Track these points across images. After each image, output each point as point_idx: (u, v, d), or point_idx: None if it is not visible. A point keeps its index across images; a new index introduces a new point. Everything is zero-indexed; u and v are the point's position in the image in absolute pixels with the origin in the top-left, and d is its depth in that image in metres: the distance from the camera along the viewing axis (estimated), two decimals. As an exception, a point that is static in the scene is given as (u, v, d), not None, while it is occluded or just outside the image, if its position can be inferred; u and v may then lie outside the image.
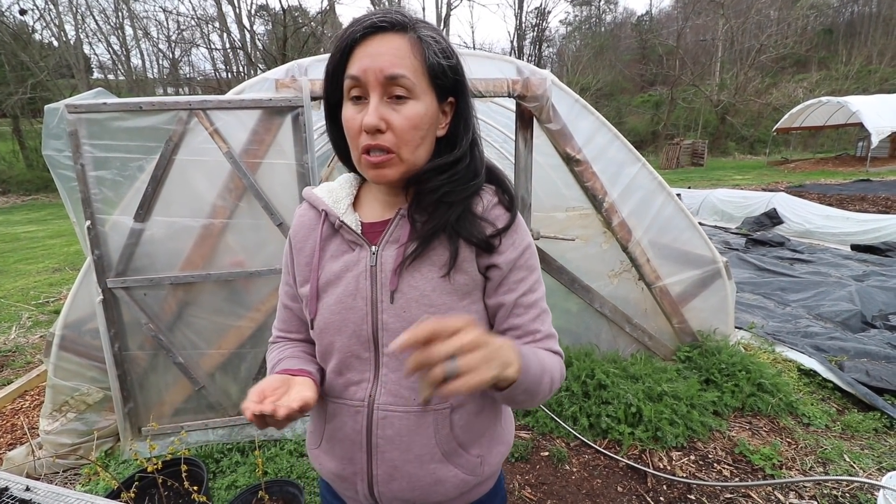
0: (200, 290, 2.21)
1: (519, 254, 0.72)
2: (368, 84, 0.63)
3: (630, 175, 2.55)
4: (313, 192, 0.80)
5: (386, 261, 0.71)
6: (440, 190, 0.68)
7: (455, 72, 0.68)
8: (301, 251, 0.79)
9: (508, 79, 2.24)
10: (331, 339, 0.74)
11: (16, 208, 14.89)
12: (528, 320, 0.73)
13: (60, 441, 2.24)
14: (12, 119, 19.07)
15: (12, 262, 7.14)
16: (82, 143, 1.92)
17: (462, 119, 0.71)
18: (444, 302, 0.69)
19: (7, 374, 3.36)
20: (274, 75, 2.18)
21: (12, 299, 5.08)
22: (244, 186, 2.09)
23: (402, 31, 0.64)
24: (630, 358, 2.67)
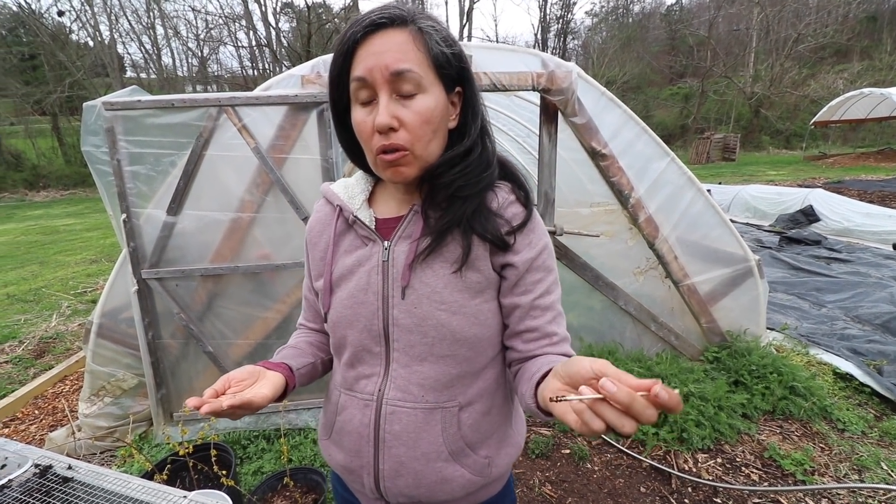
0: (229, 282, 2.28)
1: (536, 254, 0.71)
2: (376, 83, 0.62)
3: (658, 170, 2.49)
4: (330, 187, 0.81)
5: (398, 256, 0.71)
6: (454, 184, 0.67)
7: (459, 59, 0.67)
8: (316, 246, 0.80)
9: (533, 72, 2.21)
10: (343, 333, 0.74)
11: (55, 202, 15.62)
12: (545, 323, 0.71)
13: (98, 424, 2.35)
14: (51, 117, 19.95)
15: (52, 253, 7.50)
16: (118, 139, 2.00)
17: (470, 108, 0.70)
18: (455, 299, 0.69)
19: (48, 360, 3.54)
20: (300, 71, 2.22)
21: (53, 289, 5.34)
22: (271, 181, 2.13)
23: (402, 24, 0.63)
24: (655, 357, 2.62)
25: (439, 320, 0.69)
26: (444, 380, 0.71)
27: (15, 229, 10.30)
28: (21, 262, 6.92)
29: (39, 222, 11.21)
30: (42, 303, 4.89)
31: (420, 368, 0.71)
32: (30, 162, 19.14)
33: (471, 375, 0.73)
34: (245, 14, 21.96)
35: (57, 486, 0.81)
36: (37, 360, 3.56)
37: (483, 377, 0.75)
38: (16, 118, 20.19)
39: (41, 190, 17.63)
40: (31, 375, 3.27)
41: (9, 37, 20.53)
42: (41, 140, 20.00)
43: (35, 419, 2.72)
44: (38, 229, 10.11)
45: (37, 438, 2.52)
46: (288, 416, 2.40)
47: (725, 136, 19.02)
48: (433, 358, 0.71)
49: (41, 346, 3.78)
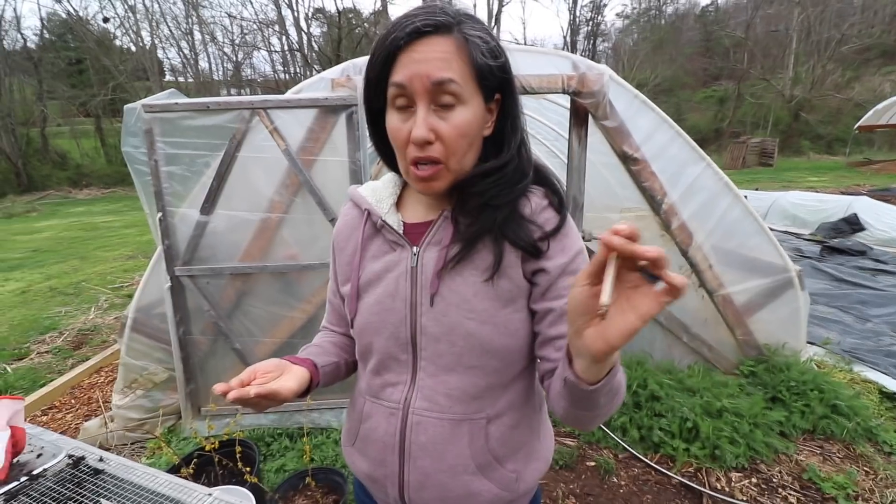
0: (257, 281, 2.32)
1: (570, 259, 0.68)
2: (415, 92, 0.60)
3: (693, 175, 2.41)
4: (358, 190, 0.79)
5: (427, 262, 0.69)
6: (487, 193, 0.66)
7: (503, 70, 0.65)
8: (343, 250, 0.79)
9: (563, 74, 2.18)
10: (369, 340, 0.73)
11: (96, 200, 16.37)
12: None
13: (129, 416, 2.43)
14: (95, 118, 20.98)
15: (92, 248, 7.86)
16: (156, 140, 2.07)
17: (509, 118, 0.68)
18: (485, 308, 0.67)
19: (85, 351, 3.70)
20: (330, 75, 2.25)
21: (91, 283, 5.59)
22: (299, 182, 2.17)
23: (448, 31, 0.61)
24: (687, 369, 2.53)
25: (468, 329, 0.67)
26: (473, 391, 0.70)
27: (58, 225, 10.85)
28: (63, 257, 7.27)
29: (81, 219, 11.77)
30: (81, 296, 5.12)
31: (448, 378, 0.69)
32: (74, 161, 20.17)
33: (500, 387, 0.71)
34: (278, 20, 22.58)
35: (88, 478, 0.83)
36: (75, 350, 3.72)
37: (512, 389, 0.73)
38: (62, 119, 21.32)
39: (84, 188, 18.53)
40: (69, 366, 3.42)
41: (58, 42, 21.72)
42: (85, 140, 21.07)
43: (71, 408, 2.84)
44: (80, 226, 10.62)
45: (72, 427, 2.63)
46: (311, 416, 2.42)
47: (763, 141, 18.35)
48: (461, 368, 0.69)
49: (79, 338, 3.95)
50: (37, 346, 3.79)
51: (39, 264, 6.84)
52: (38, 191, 17.65)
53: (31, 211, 13.70)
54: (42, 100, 19.64)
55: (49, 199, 16.73)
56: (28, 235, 9.57)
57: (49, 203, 15.62)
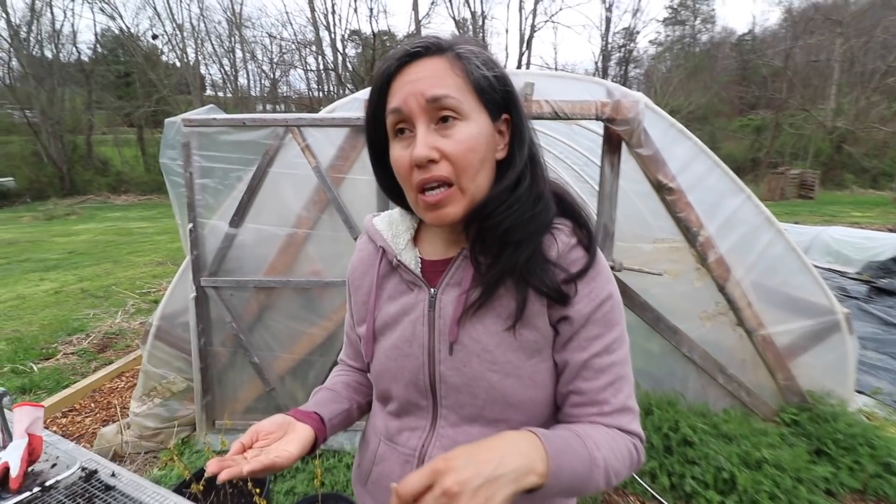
0: (280, 296, 2.34)
1: (596, 306, 0.62)
2: (412, 112, 0.58)
3: (732, 207, 2.34)
4: (373, 222, 0.76)
5: (445, 306, 0.66)
6: (502, 224, 0.61)
7: (503, 83, 0.62)
8: (359, 289, 0.76)
9: (597, 101, 2.16)
10: (387, 386, 0.70)
11: (133, 206, 17.11)
12: (597, 388, 0.62)
13: (146, 424, 2.45)
14: (137, 129, 22.13)
15: (125, 253, 8.17)
16: (193, 153, 2.14)
17: (517, 134, 0.64)
18: (508, 360, 0.62)
19: (109, 355, 3.79)
20: (363, 95, 2.29)
21: (121, 287, 5.77)
22: (327, 199, 2.19)
23: (439, 52, 0.59)
24: (722, 413, 2.40)
25: (491, 382, 0.63)
26: None
27: (95, 229, 11.35)
28: (97, 260, 7.57)
29: (117, 224, 12.29)
30: (111, 299, 5.29)
31: (470, 430, 0.66)
32: (114, 168, 21.25)
33: None
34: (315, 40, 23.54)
35: (99, 493, 0.82)
36: (99, 353, 3.82)
37: None
38: (107, 128, 22.59)
39: (122, 194, 19.44)
40: (93, 369, 3.51)
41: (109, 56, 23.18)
42: (126, 149, 22.21)
43: (90, 412, 2.89)
44: (115, 230, 11.09)
45: (90, 432, 2.67)
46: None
47: (802, 172, 17.81)
48: (483, 420, 0.65)
49: (104, 341, 4.06)
50: (64, 347, 3.91)
51: (74, 266, 7.14)
52: (79, 195, 18.61)
53: (71, 214, 14.41)
54: (90, 109, 20.92)
55: (89, 203, 17.59)
56: (66, 238, 10.04)
57: (88, 207, 16.41)
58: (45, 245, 9.14)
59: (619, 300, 0.66)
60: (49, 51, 19.82)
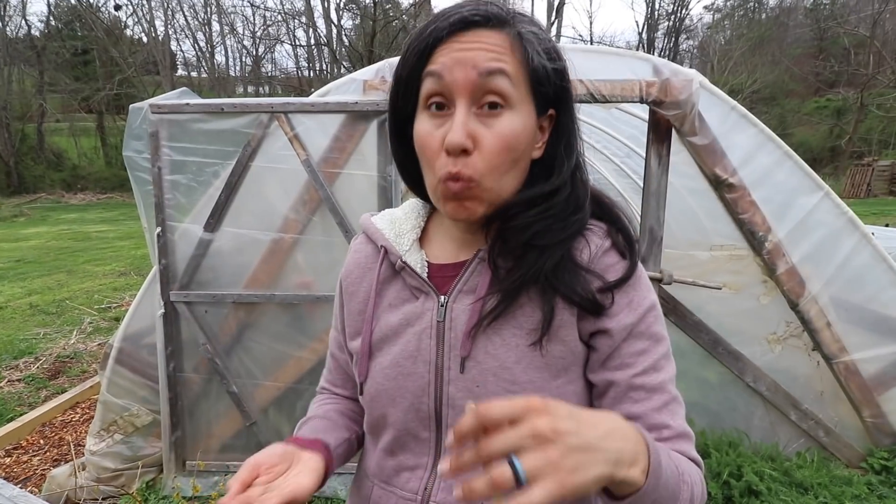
0: (263, 312, 2.37)
1: (638, 317, 0.64)
2: (455, 86, 0.58)
3: (806, 207, 2.33)
4: (373, 220, 0.78)
5: (457, 316, 0.66)
6: (530, 228, 0.62)
7: (561, 77, 0.63)
8: (353, 296, 0.77)
9: (642, 80, 2.17)
10: (383, 411, 0.70)
11: (91, 206, 17.48)
12: (652, 409, 0.62)
13: (104, 464, 2.49)
14: (97, 115, 22.65)
15: (82, 261, 8.33)
16: (162, 144, 2.19)
17: (564, 137, 0.66)
18: (530, 379, 0.63)
19: (62, 382, 3.86)
20: (362, 76, 2.33)
21: (77, 301, 5.89)
22: (319, 199, 2.23)
23: (499, 26, 0.60)
24: (796, 458, 2.38)
25: None
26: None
27: (47, 233, 11.61)
28: (48, 270, 7.74)
29: (72, 227, 12.56)
30: (64, 316, 5.40)
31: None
32: (70, 162, 21.74)
33: None
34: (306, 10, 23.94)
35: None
36: (50, 380, 3.89)
37: None
38: (62, 115, 23.14)
39: (78, 192, 19.87)
40: (42, 398, 3.58)
41: (64, 30, 23.79)
42: (84, 139, 22.71)
43: (39, 450, 2.94)
44: (71, 234, 11.32)
45: (38, 473, 2.72)
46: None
47: (894, 164, 17.55)
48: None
49: (57, 366, 4.14)
50: (9, 373, 4.00)
51: (21, 277, 7.30)
52: (28, 193, 19.06)
53: (19, 216, 14.76)
54: (42, 93, 21.45)
55: (40, 203, 18.01)
56: (12, 243, 10.28)
57: (39, 208, 16.80)
58: (-11, 252, 9.37)
59: (660, 311, 0.68)
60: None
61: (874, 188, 17.13)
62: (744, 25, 29.74)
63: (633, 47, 27.68)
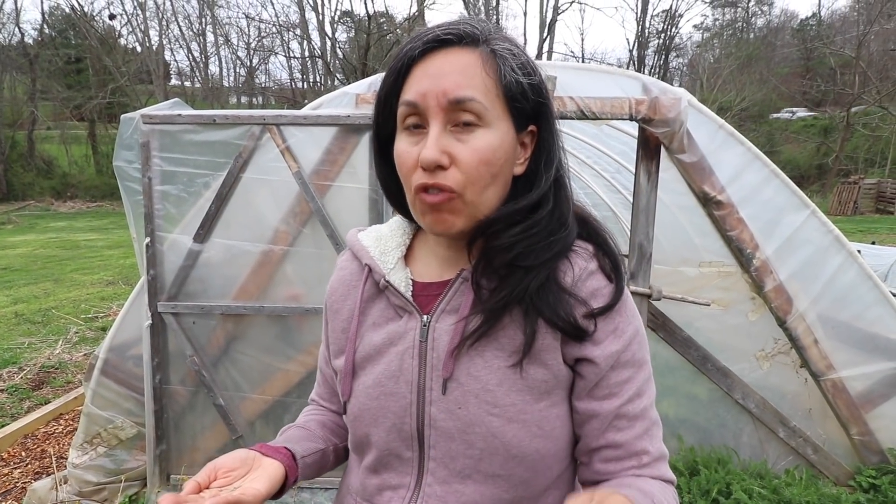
0: (251, 324, 2.35)
1: (624, 345, 0.64)
2: (428, 110, 0.59)
3: (793, 225, 2.35)
4: (359, 237, 0.78)
5: (440, 336, 0.66)
6: (514, 248, 0.62)
7: (537, 92, 0.64)
8: (338, 314, 0.77)
9: (631, 98, 2.19)
10: (366, 431, 0.70)
11: (80, 214, 17.31)
12: (634, 437, 0.65)
13: (86, 478, 2.44)
14: (89, 123, 22.55)
15: (69, 270, 8.24)
16: (152, 155, 2.18)
17: (544, 152, 0.66)
18: (512, 402, 0.63)
19: (45, 393, 3.79)
20: (355, 89, 2.34)
21: (63, 311, 5.81)
22: (310, 211, 2.22)
23: (472, 44, 0.61)
24: (784, 475, 2.38)
25: (490, 428, 0.63)
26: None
27: (35, 241, 11.47)
28: (35, 278, 7.64)
29: (61, 235, 12.42)
30: (50, 325, 5.32)
31: (462, 488, 0.65)
32: (60, 169, 21.57)
33: (528, 501, 0.67)
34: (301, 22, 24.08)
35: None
36: (34, 391, 3.82)
37: (543, 502, 0.68)
38: (53, 122, 23.01)
39: (67, 200, 19.69)
40: (25, 409, 3.51)
41: (58, 39, 23.75)
42: (75, 147, 22.56)
43: (20, 462, 2.88)
44: (59, 243, 11.20)
45: (19, 486, 2.66)
46: (301, 496, 2.37)
47: (879, 182, 17.86)
48: (479, 476, 0.65)
49: (41, 376, 4.06)
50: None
51: (7, 285, 7.20)
52: (17, 200, 18.87)
53: (7, 223, 14.59)
54: (34, 100, 21.35)
55: (29, 210, 17.82)
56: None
57: (28, 215, 16.62)
58: (-25, 259, 9.24)
59: (644, 334, 0.69)
60: (-12, 31, 20.39)
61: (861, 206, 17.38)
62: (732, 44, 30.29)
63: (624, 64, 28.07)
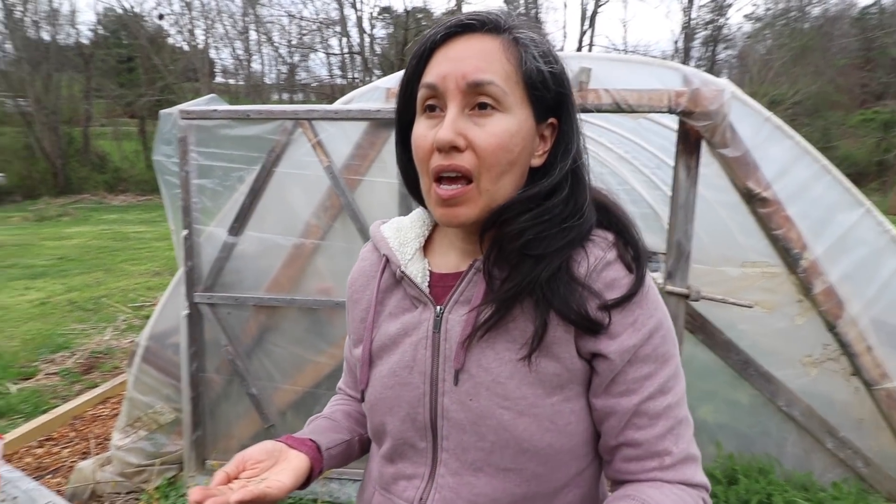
0: (283, 316, 2.40)
1: (643, 339, 0.62)
2: (447, 92, 0.60)
3: (846, 224, 2.23)
4: (381, 229, 0.79)
5: (452, 327, 0.66)
6: (524, 234, 0.61)
7: (559, 82, 0.63)
8: (357, 304, 0.79)
9: (670, 90, 2.11)
10: (381, 419, 0.71)
11: (131, 207, 18.11)
12: (655, 437, 0.62)
13: (128, 459, 2.55)
14: (139, 120, 23.53)
15: (119, 261, 8.62)
16: (190, 149, 2.24)
17: (563, 144, 0.66)
18: (523, 395, 0.62)
19: (94, 377, 3.98)
20: (386, 83, 2.35)
21: (113, 299, 6.08)
22: (341, 205, 2.24)
23: (495, 31, 0.61)
24: (831, 488, 2.26)
25: (501, 421, 0.63)
26: (505, 500, 0.65)
27: (89, 232, 12.06)
28: (88, 268, 8.02)
29: (113, 227, 13.03)
30: (100, 313, 5.58)
31: (473, 480, 0.65)
32: (113, 164, 22.60)
33: (543, 498, 0.66)
34: (340, 19, 24.40)
35: (58, 544, 0.86)
36: (84, 375, 4.02)
37: (561, 500, 0.67)
38: (106, 119, 24.14)
39: (119, 193, 20.63)
40: (75, 392, 3.69)
41: (111, 38, 24.86)
42: (126, 143, 23.61)
43: (69, 442, 3.04)
44: (111, 234, 11.74)
45: (67, 465, 2.80)
46: (330, 486, 2.41)
47: (946, 180, 16.76)
48: (491, 469, 0.65)
49: (90, 361, 4.27)
50: (46, 366, 4.15)
51: (63, 274, 7.59)
52: (73, 194, 19.88)
53: (64, 215, 15.39)
54: (89, 98, 22.43)
55: (83, 203, 18.75)
56: (56, 241, 10.72)
57: (83, 208, 17.49)
58: (34, 249, 9.79)
59: (670, 327, 0.66)
60: (46, 32, 21.49)
61: (924, 205, 16.41)
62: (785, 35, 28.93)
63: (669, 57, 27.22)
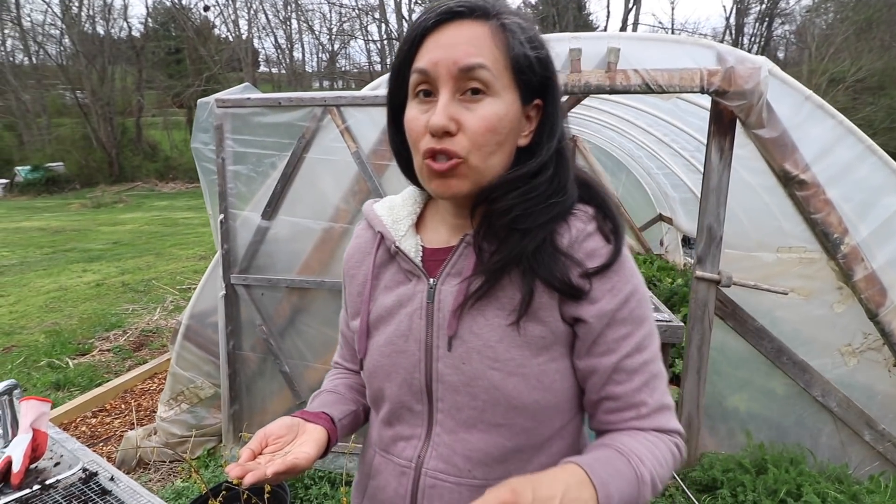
0: (313, 298, 2.48)
1: (619, 303, 0.66)
2: (439, 78, 0.63)
3: (892, 207, 2.12)
4: (374, 207, 0.82)
5: (445, 298, 0.71)
6: (512, 211, 0.65)
7: (544, 66, 0.67)
8: (353, 279, 0.82)
9: (702, 69, 2.05)
10: (380, 385, 0.76)
11: (180, 195, 18.88)
12: (632, 389, 0.68)
13: (172, 430, 2.72)
14: (187, 109, 24.40)
15: (168, 245, 9.05)
16: (226, 136, 2.34)
17: (548, 125, 0.70)
18: (511, 357, 0.67)
19: (144, 354, 4.23)
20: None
21: (162, 282, 6.41)
22: (368, 190, 2.29)
23: (483, 17, 0.64)
24: (867, 482, 2.18)
25: (492, 381, 0.67)
26: (497, 453, 0.70)
27: (141, 218, 12.69)
28: (140, 252, 8.47)
29: (163, 213, 13.65)
30: (150, 294, 5.90)
31: (467, 437, 0.70)
32: (163, 153, 23.58)
33: (531, 449, 0.71)
34: (379, 6, 24.46)
35: (95, 497, 0.95)
36: (135, 352, 4.28)
37: (547, 451, 0.72)
38: (157, 109, 25.13)
39: (169, 181, 21.53)
40: (126, 367, 3.94)
41: (160, 31, 25.76)
42: (175, 132, 24.55)
43: (120, 413, 3.26)
44: (161, 220, 12.31)
45: (117, 434, 3.01)
46: (355, 460, 2.50)
47: None
48: (483, 426, 0.70)
49: (141, 339, 4.54)
50: (100, 343, 4.44)
51: (117, 257, 8.04)
52: (127, 181, 20.90)
53: (119, 202, 16.24)
54: (140, 89, 23.39)
55: (137, 190, 19.70)
56: (111, 227, 11.33)
57: (136, 195, 18.38)
58: (91, 234, 10.39)
59: (645, 293, 0.70)
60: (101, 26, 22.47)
61: None
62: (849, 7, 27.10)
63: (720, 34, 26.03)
